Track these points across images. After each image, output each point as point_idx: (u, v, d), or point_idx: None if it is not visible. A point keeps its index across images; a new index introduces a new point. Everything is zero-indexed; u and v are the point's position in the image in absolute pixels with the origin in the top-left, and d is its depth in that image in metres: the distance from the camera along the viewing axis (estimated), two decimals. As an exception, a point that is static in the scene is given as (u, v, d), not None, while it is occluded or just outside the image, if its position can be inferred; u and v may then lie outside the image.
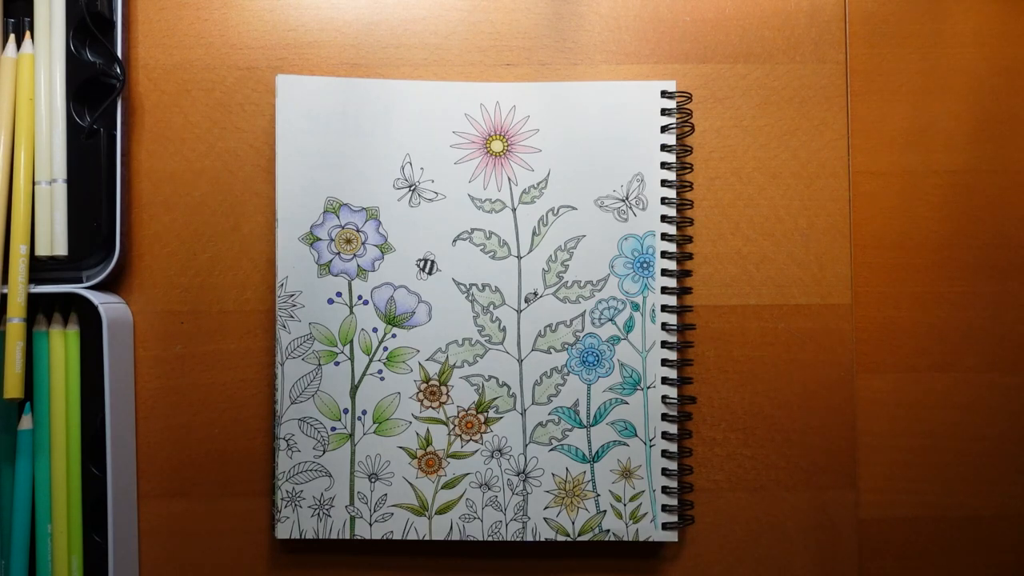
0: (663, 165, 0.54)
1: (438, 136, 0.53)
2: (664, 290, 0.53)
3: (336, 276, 0.53)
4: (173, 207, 0.55)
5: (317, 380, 0.52)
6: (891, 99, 0.56)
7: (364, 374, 0.53)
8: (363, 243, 0.53)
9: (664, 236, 0.54)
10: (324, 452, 0.52)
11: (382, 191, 0.53)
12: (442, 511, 0.53)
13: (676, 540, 0.53)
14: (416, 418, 0.53)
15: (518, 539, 0.53)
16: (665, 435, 0.53)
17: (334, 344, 0.53)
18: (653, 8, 0.56)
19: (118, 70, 0.52)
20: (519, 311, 0.53)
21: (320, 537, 0.52)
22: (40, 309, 0.51)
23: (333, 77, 0.54)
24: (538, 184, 0.54)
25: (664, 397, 0.53)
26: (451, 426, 0.53)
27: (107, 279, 0.52)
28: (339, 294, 0.53)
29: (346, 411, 0.53)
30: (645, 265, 0.53)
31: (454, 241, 0.53)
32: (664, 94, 0.54)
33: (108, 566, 0.50)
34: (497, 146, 0.54)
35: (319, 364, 0.52)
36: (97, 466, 0.51)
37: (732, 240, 0.55)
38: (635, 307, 0.53)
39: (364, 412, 0.53)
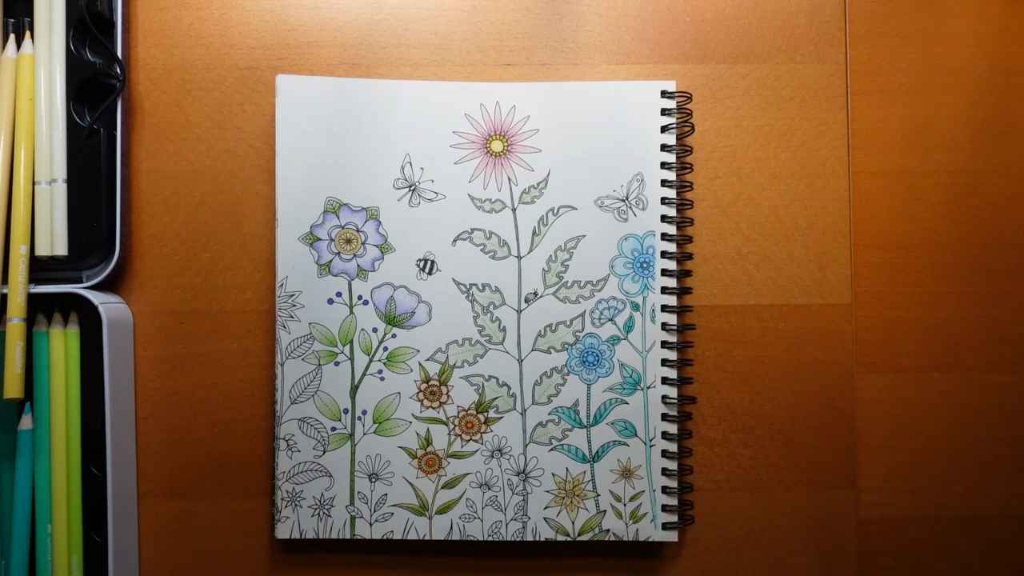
0: (663, 165, 0.54)
1: (438, 136, 0.53)
2: (664, 290, 0.53)
3: (336, 276, 0.53)
4: (173, 207, 0.55)
5: (317, 380, 0.52)
6: (891, 99, 0.56)
7: (364, 374, 0.53)
8: (363, 243, 0.53)
9: (664, 236, 0.54)
10: (324, 452, 0.52)
11: (382, 191, 0.53)
12: (442, 511, 0.53)
13: (676, 540, 0.53)
14: (416, 418, 0.53)
15: (518, 539, 0.53)
16: (665, 435, 0.53)
17: (334, 344, 0.53)
18: (653, 8, 0.56)
19: (118, 70, 0.52)
20: (519, 311, 0.53)
21: (320, 537, 0.52)
22: (40, 309, 0.51)
23: (333, 77, 0.54)
24: (538, 184, 0.54)
25: (664, 397, 0.53)
26: (451, 426, 0.53)
27: (107, 279, 0.52)
28: (339, 294, 0.53)
29: (346, 411, 0.53)
30: (645, 265, 0.53)
31: (454, 241, 0.53)
32: (664, 94, 0.54)
33: (108, 566, 0.50)
34: (497, 146, 0.54)
35: (319, 364, 0.52)
36: (97, 466, 0.51)
37: (732, 240, 0.55)
38: (635, 307, 0.53)
39: (364, 412, 0.53)
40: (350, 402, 0.53)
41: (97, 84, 0.52)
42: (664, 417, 0.53)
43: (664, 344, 0.53)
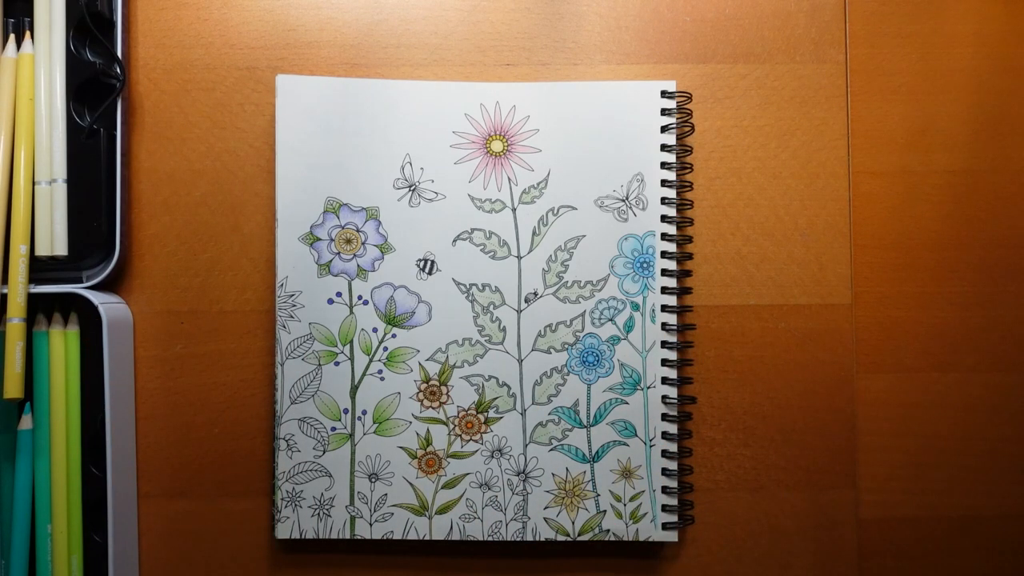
0: (663, 165, 0.54)
1: (438, 136, 0.53)
2: (664, 290, 0.53)
3: (336, 276, 0.53)
4: (173, 207, 0.55)
5: (317, 380, 0.52)
6: (891, 99, 0.56)
7: (364, 374, 0.53)
8: (363, 243, 0.53)
9: (664, 236, 0.54)
10: (324, 452, 0.52)
11: (382, 191, 0.53)
12: (442, 511, 0.53)
13: (676, 540, 0.53)
14: (416, 418, 0.53)
15: (518, 539, 0.53)
16: (665, 435, 0.53)
17: (334, 344, 0.53)
18: (653, 8, 0.56)
19: (118, 70, 0.52)
20: (519, 311, 0.53)
21: (320, 537, 0.52)
22: (40, 309, 0.51)
23: (333, 77, 0.54)
24: (538, 184, 0.54)
25: (664, 397, 0.53)
26: (451, 426, 0.53)
27: (107, 279, 0.52)
28: (339, 294, 0.53)
29: (346, 411, 0.53)
30: (645, 265, 0.53)
31: (454, 241, 0.53)
32: (664, 94, 0.54)
33: (108, 566, 0.50)
34: (497, 146, 0.54)
35: (319, 364, 0.52)
36: (97, 466, 0.51)
37: (732, 240, 0.55)
38: (635, 307, 0.53)
39: (364, 412, 0.53)
40: (350, 402, 0.53)
41: (97, 84, 0.52)
42: (664, 417, 0.53)
43: (664, 344, 0.53)
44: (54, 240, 0.51)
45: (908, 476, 0.55)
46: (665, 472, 0.53)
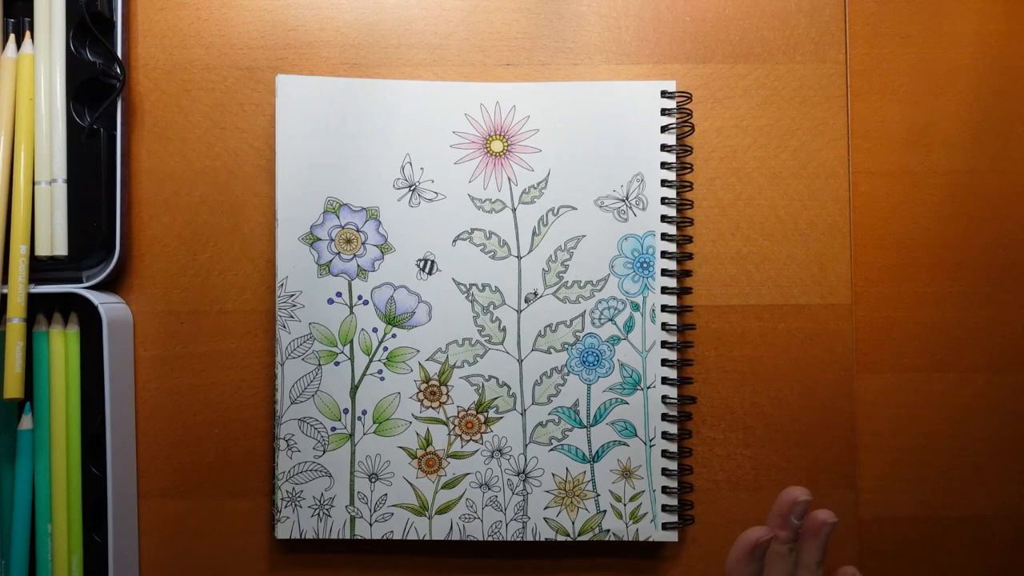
0: (663, 165, 0.54)
1: (438, 136, 0.53)
2: (664, 290, 0.54)
3: (336, 276, 0.53)
4: (173, 207, 0.55)
5: (317, 380, 0.52)
6: (891, 99, 0.56)
7: (364, 374, 0.53)
8: (363, 243, 0.53)
9: (664, 236, 0.54)
10: (324, 452, 0.52)
11: (382, 191, 0.53)
12: (442, 511, 0.53)
13: (676, 540, 0.53)
14: (416, 418, 0.53)
15: (518, 539, 0.53)
16: (665, 435, 0.53)
17: (334, 344, 0.53)
18: (653, 8, 0.56)
19: (118, 70, 0.52)
20: (519, 311, 0.53)
21: (320, 537, 0.52)
22: (40, 309, 0.51)
23: (333, 77, 0.54)
24: (538, 184, 0.54)
25: (664, 397, 0.53)
26: (451, 426, 0.53)
27: (107, 279, 0.52)
28: (339, 294, 0.53)
29: (346, 411, 0.53)
30: (645, 265, 0.53)
31: (454, 241, 0.53)
32: (664, 94, 0.54)
33: (108, 566, 0.50)
34: (497, 146, 0.54)
35: (319, 364, 0.52)
36: (97, 466, 0.51)
37: (732, 240, 0.55)
38: (635, 307, 0.53)
39: (364, 412, 0.53)
40: (350, 402, 0.53)
41: (97, 84, 0.52)
42: (664, 417, 0.53)
43: (664, 344, 0.53)
44: (54, 240, 0.51)
45: (908, 476, 0.55)
46: (665, 472, 0.53)
